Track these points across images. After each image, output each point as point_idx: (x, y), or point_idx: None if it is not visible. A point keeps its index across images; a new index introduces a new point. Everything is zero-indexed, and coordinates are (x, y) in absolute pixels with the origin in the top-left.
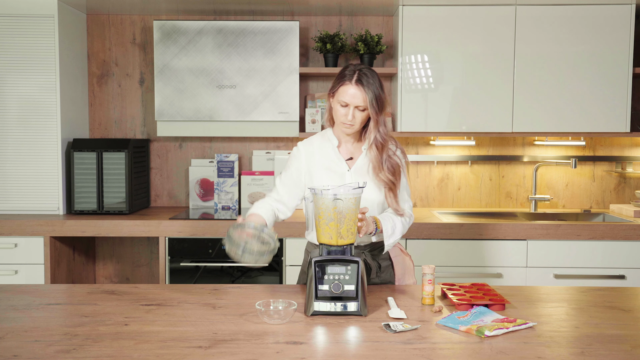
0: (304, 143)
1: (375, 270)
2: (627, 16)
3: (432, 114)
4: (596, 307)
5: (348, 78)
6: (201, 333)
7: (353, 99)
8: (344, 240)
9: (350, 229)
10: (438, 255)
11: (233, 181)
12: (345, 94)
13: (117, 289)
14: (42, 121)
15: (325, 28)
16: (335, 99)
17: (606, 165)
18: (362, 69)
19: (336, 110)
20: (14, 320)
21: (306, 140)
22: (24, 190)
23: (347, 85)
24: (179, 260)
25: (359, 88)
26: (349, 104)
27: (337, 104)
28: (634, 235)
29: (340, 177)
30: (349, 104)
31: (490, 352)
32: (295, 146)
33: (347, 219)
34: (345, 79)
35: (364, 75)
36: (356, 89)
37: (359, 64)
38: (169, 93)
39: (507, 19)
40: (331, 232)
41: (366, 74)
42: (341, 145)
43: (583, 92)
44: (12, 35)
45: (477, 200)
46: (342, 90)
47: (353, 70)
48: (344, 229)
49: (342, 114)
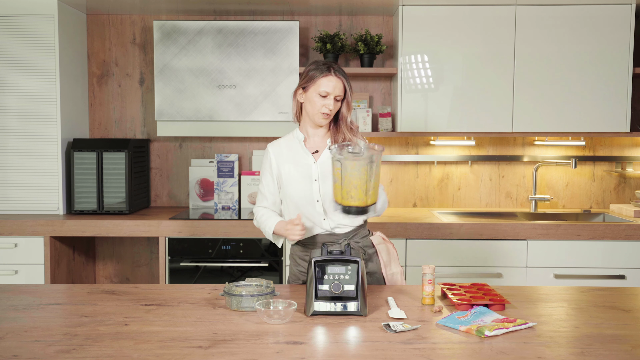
0: (272, 144)
1: (361, 253)
2: (627, 16)
3: (432, 114)
4: (596, 307)
5: (327, 70)
6: (201, 333)
7: (334, 89)
8: (372, 199)
9: (376, 186)
10: (438, 255)
11: (233, 181)
12: (327, 84)
13: (117, 289)
14: (42, 121)
15: (325, 28)
16: (312, 91)
17: (606, 165)
18: (333, 63)
19: (314, 102)
20: (14, 320)
21: (274, 142)
22: (24, 190)
23: (329, 77)
24: (179, 260)
25: (339, 79)
26: (329, 94)
27: (315, 95)
28: (634, 235)
29: (306, 169)
30: (330, 93)
31: (490, 352)
32: (270, 145)
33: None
34: (325, 71)
35: (340, 69)
36: (337, 79)
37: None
38: (169, 93)
39: (507, 19)
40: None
41: (340, 67)
42: (307, 140)
43: (583, 92)
44: (12, 35)
45: (477, 200)
46: (324, 81)
47: (327, 64)
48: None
49: (322, 105)
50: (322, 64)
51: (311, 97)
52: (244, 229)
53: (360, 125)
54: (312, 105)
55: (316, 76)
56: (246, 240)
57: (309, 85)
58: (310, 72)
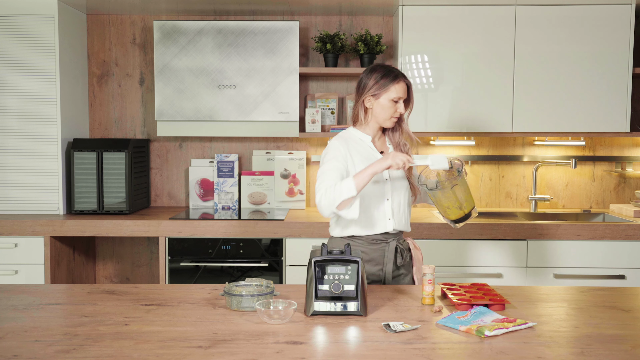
0: (338, 138)
1: (405, 254)
2: (627, 16)
3: (432, 114)
4: (596, 307)
5: (397, 77)
6: (201, 333)
7: (405, 93)
8: (467, 208)
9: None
10: (438, 255)
11: (233, 181)
12: (400, 90)
13: (117, 289)
14: (42, 121)
15: (325, 28)
16: (384, 97)
17: (606, 165)
18: (396, 69)
19: (386, 108)
20: (14, 320)
21: (338, 137)
22: (24, 190)
23: (400, 83)
24: (179, 260)
25: (407, 83)
26: (401, 99)
27: (387, 101)
28: (634, 235)
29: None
30: (401, 98)
31: (490, 352)
32: (330, 141)
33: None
34: (397, 78)
35: (403, 73)
36: (405, 84)
37: (383, 65)
38: (169, 93)
39: (507, 19)
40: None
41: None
42: (373, 141)
43: (583, 92)
44: (12, 35)
45: (477, 200)
46: (397, 88)
47: (394, 71)
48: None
49: (394, 109)
50: (389, 71)
51: (384, 103)
52: (244, 229)
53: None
54: (385, 110)
55: (388, 83)
56: (246, 240)
57: (380, 92)
58: (380, 80)
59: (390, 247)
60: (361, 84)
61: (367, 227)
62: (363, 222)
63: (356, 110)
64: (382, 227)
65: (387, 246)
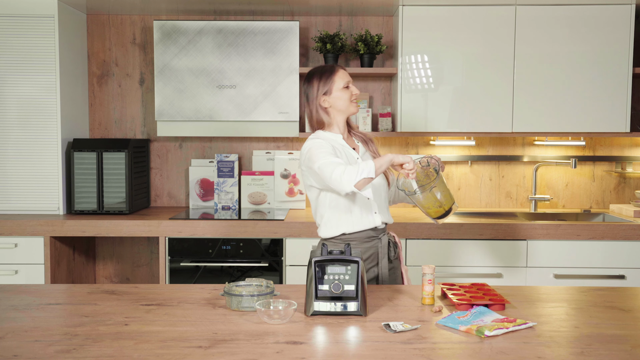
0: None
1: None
2: (627, 16)
3: (432, 114)
4: (596, 307)
5: (334, 67)
6: (201, 333)
7: (349, 77)
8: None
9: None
10: (438, 255)
11: (233, 181)
12: (344, 75)
13: (117, 289)
14: (42, 121)
15: (325, 28)
16: (335, 89)
17: (606, 165)
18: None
19: (342, 97)
20: (14, 320)
21: (312, 138)
22: (24, 190)
23: (340, 70)
24: (179, 260)
25: (345, 70)
26: (349, 82)
27: (339, 91)
28: (634, 235)
29: (354, 163)
30: (349, 82)
31: (490, 352)
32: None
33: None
34: (334, 68)
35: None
36: (344, 70)
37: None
38: (169, 93)
39: (507, 19)
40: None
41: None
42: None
43: (583, 92)
44: (12, 35)
45: (477, 200)
46: (340, 75)
47: (325, 66)
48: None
49: (349, 93)
50: (324, 68)
51: (337, 94)
52: (244, 229)
53: (360, 125)
54: (342, 99)
55: (331, 76)
56: (246, 240)
57: (329, 87)
58: (322, 79)
59: (383, 242)
60: (308, 91)
61: (356, 224)
62: (351, 220)
63: (316, 117)
64: (371, 222)
65: (379, 242)
